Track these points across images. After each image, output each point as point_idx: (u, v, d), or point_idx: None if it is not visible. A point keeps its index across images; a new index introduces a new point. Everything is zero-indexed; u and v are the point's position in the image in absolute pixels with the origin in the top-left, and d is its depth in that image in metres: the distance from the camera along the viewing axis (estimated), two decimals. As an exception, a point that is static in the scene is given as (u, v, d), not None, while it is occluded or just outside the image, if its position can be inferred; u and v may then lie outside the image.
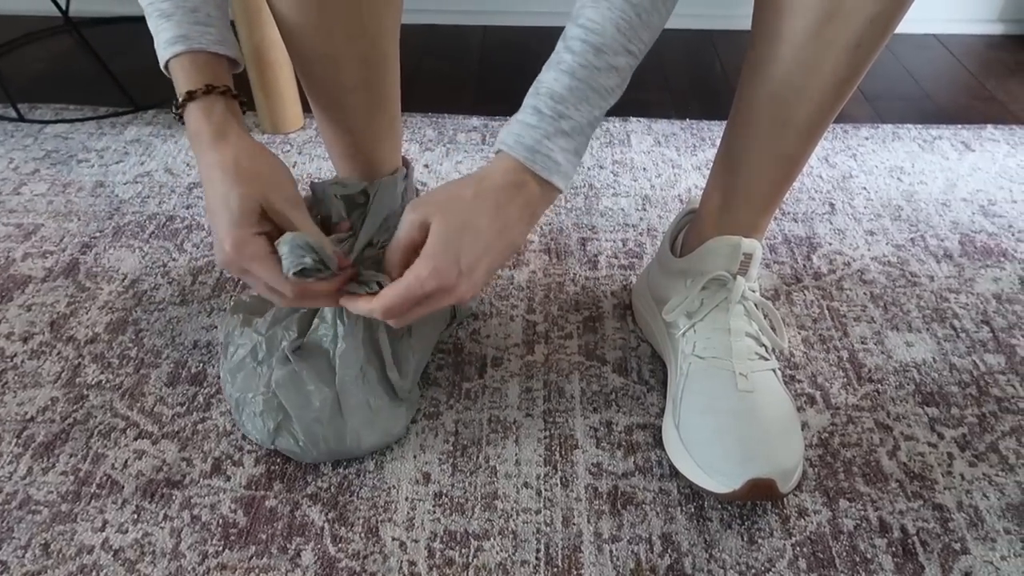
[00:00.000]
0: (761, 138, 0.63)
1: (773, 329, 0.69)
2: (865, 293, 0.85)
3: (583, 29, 0.52)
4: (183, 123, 0.57)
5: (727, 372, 0.65)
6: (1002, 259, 0.90)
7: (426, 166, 1.07)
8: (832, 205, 1.00)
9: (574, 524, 0.62)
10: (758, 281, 0.71)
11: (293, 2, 0.59)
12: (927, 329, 0.80)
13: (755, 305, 0.68)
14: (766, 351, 0.67)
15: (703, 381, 0.66)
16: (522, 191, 0.54)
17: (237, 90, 0.58)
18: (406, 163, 0.75)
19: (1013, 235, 0.94)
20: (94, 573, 0.58)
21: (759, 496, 0.59)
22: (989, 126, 1.18)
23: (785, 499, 0.63)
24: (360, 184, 0.69)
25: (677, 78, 1.34)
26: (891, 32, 0.56)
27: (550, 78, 0.53)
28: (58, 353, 0.76)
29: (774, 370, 0.67)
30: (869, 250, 0.92)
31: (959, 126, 1.18)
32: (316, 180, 0.65)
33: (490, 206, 0.53)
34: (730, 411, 0.63)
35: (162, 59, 0.56)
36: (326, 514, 0.62)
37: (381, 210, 0.69)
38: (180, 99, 0.56)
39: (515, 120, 0.54)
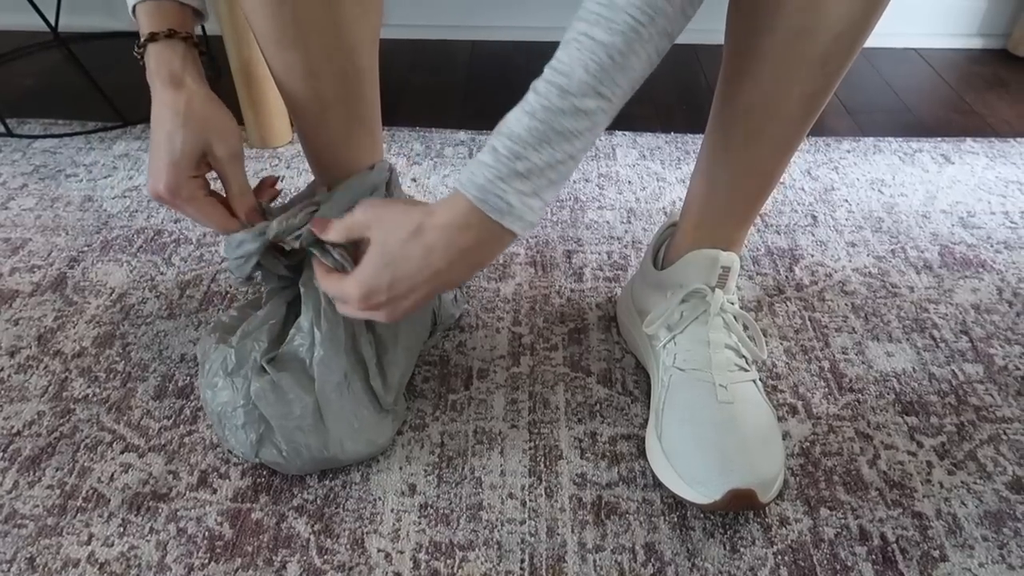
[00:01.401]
0: (736, 152, 0.64)
1: (753, 340, 0.70)
2: (846, 304, 0.86)
3: (551, 69, 0.50)
4: (142, 63, 0.58)
5: (707, 384, 0.66)
6: (981, 270, 0.92)
7: (414, 180, 1.08)
8: (814, 217, 1.01)
9: (558, 534, 0.62)
10: (738, 293, 0.72)
11: (269, 18, 0.60)
12: (907, 339, 0.82)
13: (734, 317, 0.69)
14: (746, 362, 0.68)
15: (683, 392, 0.66)
16: (468, 232, 0.52)
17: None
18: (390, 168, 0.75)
19: (991, 246, 0.96)
20: (80, 587, 0.58)
21: (740, 506, 0.60)
22: (968, 139, 1.20)
23: (767, 508, 0.64)
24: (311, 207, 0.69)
25: (662, 92, 1.36)
26: (858, 49, 0.57)
27: (512, 118, 0.51)
28: (45, 367, 0.77)
29: (755, 381, 0.68)
30: (850, 261, 0.93)
31: (939, 139, 1.20)
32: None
33: (427, 247, 0.53)
34: (710, 422, 0.63)
35: (130, 4, 0.59)
36: (312, 526, 0.62)
37: (347, 195, 0.67)
38: (143, 39, 0.58)
39: (473, 159, 0.53)
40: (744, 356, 0.68)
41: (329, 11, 0.60)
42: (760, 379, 0.68)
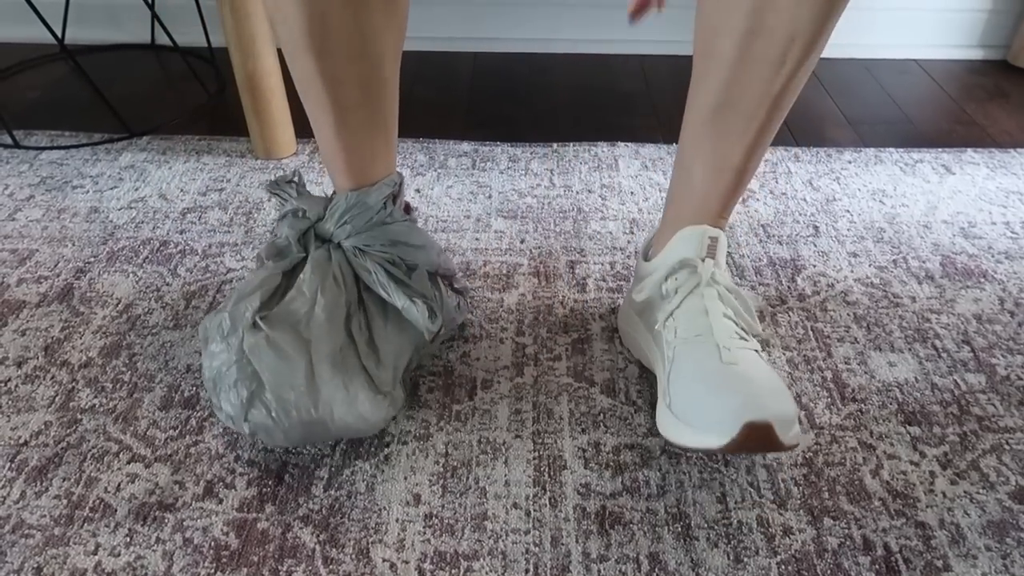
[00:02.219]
0: (707, 151, 0.67)
1: (748, 315, 0.71)
2: (848, 314, 0.87)
3: None
4: None
5: (711, 346, 0.66)
6: (982, 280, 0.92)
7: (417, 191, 1.09)
8: (816, 228, 1.02)
9: (563, 544, 0.62)
10: (729, 273, 0.74)
11: (296, 24, 0.61)
12: (909, 349, 0.82)
13: (727, 290, 0.70)
14: (745, 333, 0.69)
15: (689, 357, 0.67)
16: None
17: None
18: (399, 175, 0.76)
19: (993, 256, 0.96)
20: (86, 596, 0.58)
21: (759, 445, 0.58)
22: (969, 149, 1.20)
23: (770, 518, 0.64)
24: (317, 211, 0.72)
25: (664, 103, 1.36)
26: (816, 50, 0.60)
27: None
28: (52, 377, 0.77)
29: (756, 351, 0.68)
30: (852, 272, 0.94)
31: (940, 149, 1.20)
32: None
33: None
34: (718, 373, 0.63)
35: None
36: (317, 536, 0.63)
37: (365, 211, 0.71)
38: None
39: None
40: (743, 328, 0.69)
41: (357, 20, 0.61)
42: (760, 351, 0.68)
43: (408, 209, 0.77)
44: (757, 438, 0.57)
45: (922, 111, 1.35)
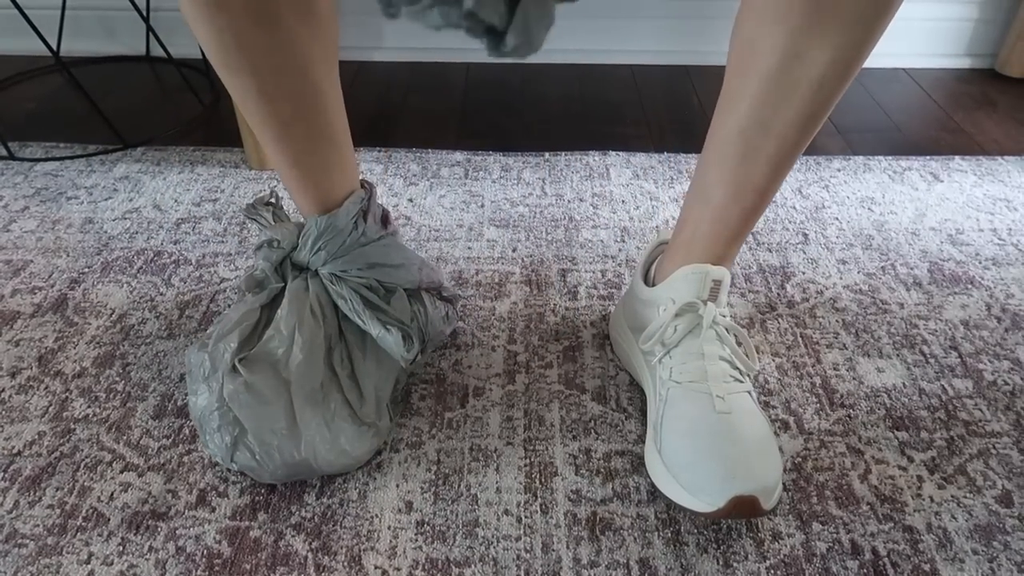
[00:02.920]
0: (731, 170, 0.66)
1: (745, 352, 0.71)
2: (837, 320, 0.87)
3: None
4: None
5: (704, 395, 0.67)
6: (969, 286, 0.93)
7: (410, 200, 1.10)
8: (805, 235, 1.03)
9: (553, 550, 0.63)
10: (730, 309, 0.73)
11: (213, 45, 0.60)
12: (897, 355, 0.83)
13: (726, 330, 0.70)
14: (740, 374, 0.69)
15: (682, 405, 0.67)
16: None
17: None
18: (367, 186, 0.75)
19: (980, 263, 0.97)
20: (79, 605, 0.58)
21: (742, 513, 0.61)
22: (957, 157, 1.22)
23: (760, 523, 0.65)
24: (290, 239, 0.71)
25: (655, 112, 1.38)
26: (852, 75, 0.59)
27: None
28: (45, 387, 0.77)
29: (748, 392, 0.69)
30: (841, 278, 0.94)
31: (928, 157, 1.22)
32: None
33: None
34: (710, 432, 0.64)
35: None
36: (310, 543, 0.63)
37: (337, 235, 0.70)
38: None
39: None
40: (738, 368, 0.69)
41: (274, 36, 0.60)
42: (752, 391, 0.69)
43: (387, 219, 0.77)
44: (742, 508, 0.60)
45: (910, 119, 1.36)
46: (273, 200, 0.75)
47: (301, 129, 0.66)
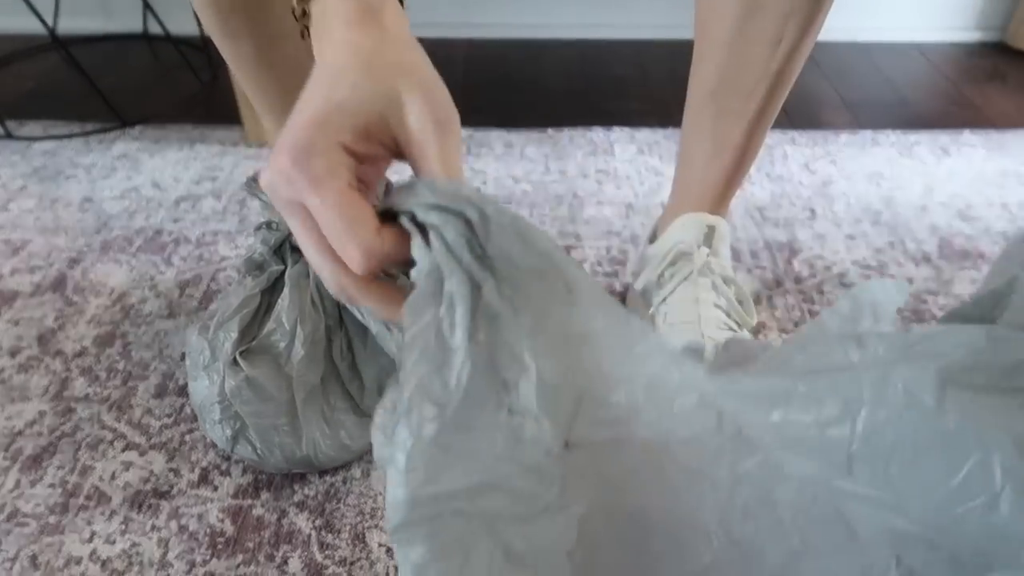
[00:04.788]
0: (706, 132, 0.68)
1: (743, 305, 0.70)
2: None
3: None
4: (304, 20, 0.40)
5: (696, 335, 0.66)
6: (979, 261, 0.92)
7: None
8: (813, 211, 1.01)
9: (559, 527, 0.62)
10: (729, 262, 0.73)
11: (208, 3, 0.58)
12: (906, 331, 0.82)
13: (723, 280, 0.69)
14: (737, 325, 0.68)
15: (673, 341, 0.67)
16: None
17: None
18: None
19: (990, 237, 0.96)
20: (82, 584, 0.58)
21: None
22: (966, 131, 1.20)
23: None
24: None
25: (659, 87, 1.36)
26: (814, 30, 0.60)
27: None
28: (46, 367, 0.77)
29: None
30: (849, 254, 0.93)
31: (937, 131, 1.20)
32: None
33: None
34: None
35: None
36: (313, 521, 0.63)
37: None
38: None
39: None
40: (736, 320, 0.69)
41: None
42: None
43: (388, 191, 0.75)
44: None
45: (919, 93, 1.34)
46: None
47: (289, 49, 0.63)
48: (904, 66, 1.44)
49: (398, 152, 0.36)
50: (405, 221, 0.32)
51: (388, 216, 0.34)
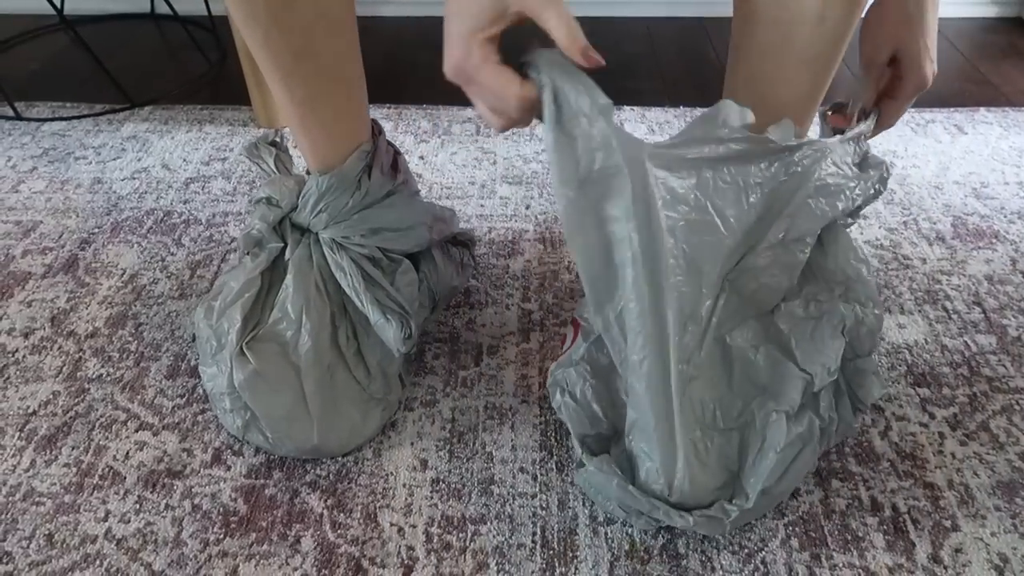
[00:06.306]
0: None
1: None
2: (858, 276, 0.86)
3: None
4: None
5: None
6: (994, 241, 0.91)
7: (421, 158, 1.08)
8: (825, 190, 1.00)
9: (569, 507, 0.62)
10: None
11: None
12: (919, 311, 0.81)
13: None
14: None
15: None
16: None
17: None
18: (375, 130, 0.70)
19: (1005, 217, 0.95)
20: (97, 562, 0.59)
21: None
22: (982, 109, 1.18)
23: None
24: (290, 199, 0.68)
25: (670, 66, 1.34)
26: (860, 6, 0.57)
27: None
28: (59, 348, 0.77)
29: None
30: (862, 234, 0.92)
31: (952, 109, 1.18)
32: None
33: None
34: None
35: None
36: (325, 501, 0.63)
37: (339, 196, 0.66)
38: None
39: None
40: None
41: None
42: None
43: (396, 165, 0.72)
44: None
45: (934, 70, 1.32)
46: (278, 140, 0.73)
47: (312, 66, 0.63)
48: (919, 43, 1.41)
49: (522, 20, 0.50)
50: (532, 72, 0.51)
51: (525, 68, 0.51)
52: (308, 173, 0.70)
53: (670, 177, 0.55)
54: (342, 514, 0.62)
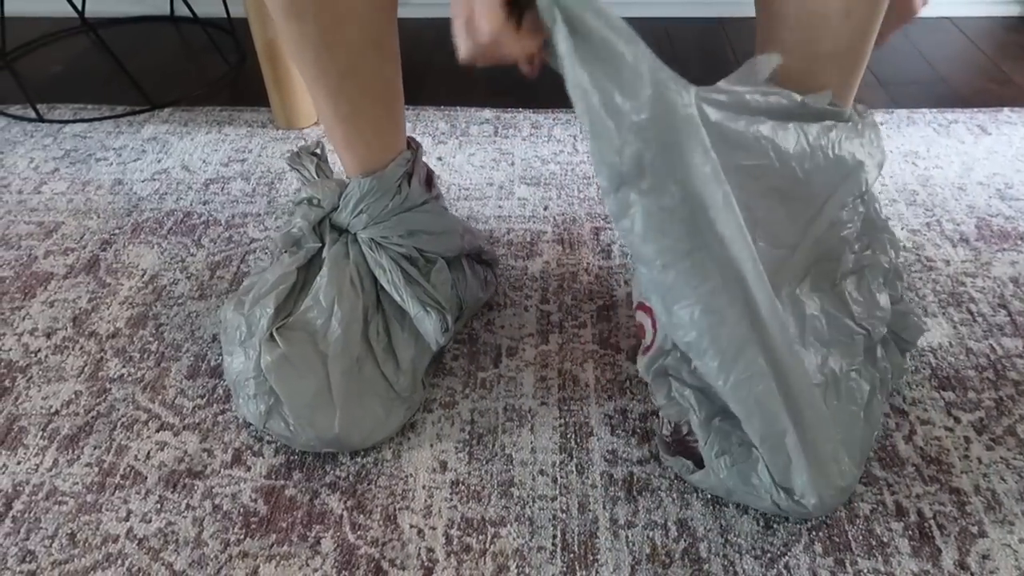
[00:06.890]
0: None
1: None
2: (880, 278, 0.85)
3: None
4: None
5: None
6: (1019, 242, 0.90)
7: (439, 159, 1.08)
8: (846, 191, 0.99)
9: (590, 510, 0.62)
10: None
11: None
12: (943, 313, 0.80)
13: None
14: None
15: None
16: None
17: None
18: (413, 144, 0.74)
19: (1030, 218, 0.94)
20: (119, 561, 0.59)
21: None
22: (1006, 109, 1.17)
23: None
24: (331, 199, 0.70)
25: (689, 66, 1.33)
26: (881, 4, 0.56)
27: None
28: (81, 348, 0.78)
29: None
30: (884, 235, 0.91)
31: (975, 109, 1.17)
32: None
33: None
34: None
35: None
36: (345, 502, 0.63)
37: (380, 198, 0.68)
38: None
39: None
40: None
41: None
42: None
43: (430, 180, 0.75)
44: None
45: (956, 70, 1.31)
46: (318, 151, 0.74)
47: (356, 83, 0.65)
48: (940, 42, 1.40)
49: None
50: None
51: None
52: (348, 179, 0.71)
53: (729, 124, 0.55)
54: (362, 515, 0.62)
